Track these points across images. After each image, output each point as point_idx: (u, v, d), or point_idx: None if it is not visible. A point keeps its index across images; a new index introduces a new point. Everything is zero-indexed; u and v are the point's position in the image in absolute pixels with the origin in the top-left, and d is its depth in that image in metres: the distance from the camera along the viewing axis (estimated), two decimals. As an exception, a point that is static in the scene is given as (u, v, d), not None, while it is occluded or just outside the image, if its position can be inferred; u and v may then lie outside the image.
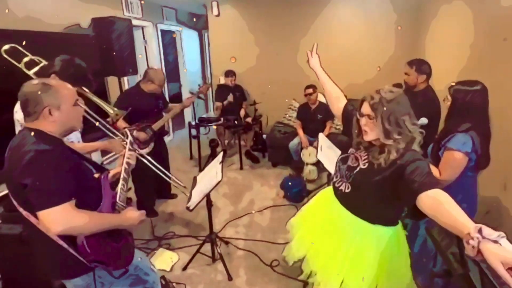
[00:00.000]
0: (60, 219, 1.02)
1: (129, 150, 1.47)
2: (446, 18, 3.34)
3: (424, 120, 1.83)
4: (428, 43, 3.76)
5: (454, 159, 1.49)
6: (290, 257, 1.53)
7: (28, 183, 1.03)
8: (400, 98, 1.19)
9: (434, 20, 3.59)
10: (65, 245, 1.10)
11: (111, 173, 1.39)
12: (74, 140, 1.78)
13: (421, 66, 2.34)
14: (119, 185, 1.33)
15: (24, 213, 1.12)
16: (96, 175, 1.32)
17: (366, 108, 1.21)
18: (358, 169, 1.28)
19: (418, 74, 2.33)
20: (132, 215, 1.28)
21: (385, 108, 1.15)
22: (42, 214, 1.03)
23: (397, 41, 4.26)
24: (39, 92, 1.12)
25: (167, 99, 4.91)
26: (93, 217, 1.13)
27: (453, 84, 1.58)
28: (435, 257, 1.58)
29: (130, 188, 3.14)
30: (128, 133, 1.59)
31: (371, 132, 1.21)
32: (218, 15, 4.71)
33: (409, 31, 4.15)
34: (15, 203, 1.14)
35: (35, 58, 1.69)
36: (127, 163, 1.41)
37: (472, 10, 2.72)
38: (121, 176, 1.36)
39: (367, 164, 1.25)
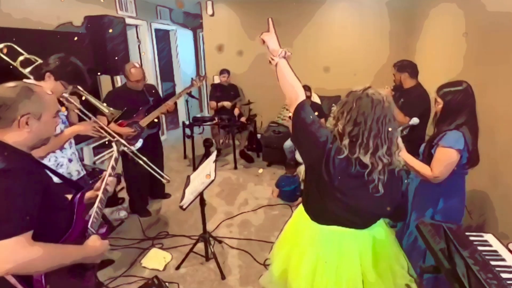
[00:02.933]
0: (10, 255, 0.84)
1: (110, 174, 1.27)
2: (437, 20, 3.40)
3: (415, 120, 1.87)
4: (420, 45, 3.82)
5: (447, 156, 1.51)
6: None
7: None
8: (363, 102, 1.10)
9: (425, 22, 3.66)
10: (13, 280, 0.91)
11: (87, 195, 1.23)
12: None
13: (401, 65, 2.54)
14: (94, 208, 1.18)
15: None
16: (69, 197, 1.18)
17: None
18: None
19: (400, 73, 2.52)
20: (94, 244, 1.09)
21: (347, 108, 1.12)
22: None
23: (391, 43, 4.32)
24: (19, 97, 0.95)
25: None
26: (51, 252, 0.93)
27: (441, 86, 1.61)
28: (424, 254, 1.60)
29: (123, 188, 3.13)
30: (115, 147, 1.41)
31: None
32: (212, 15, 4.71)
33: (402, 33, 4.21)
34: None
35: (31, 57, 1.68)
36: (105, 190, 1.23)
37: (462, 13, 2.78)
38: (99, 198, 1.20)
39: None
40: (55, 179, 1.20)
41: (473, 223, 2.16)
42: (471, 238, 1.31)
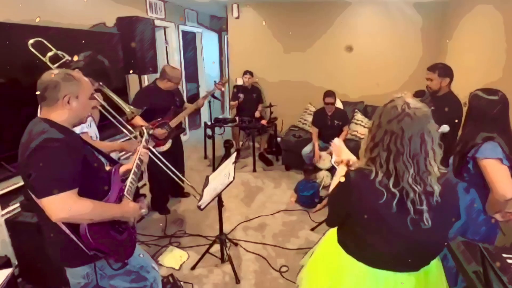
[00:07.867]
0: (62, 207, 1.03)
1: (143, 147, 1.48)
2: (473, 23, 3.19)
3: (445, 128, 1.74)
4: (453, 48, 3.61)
5: (496, 167, 1.36)
6: None
7: (32, 170, 1.05)
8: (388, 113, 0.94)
9: (460, 24, 3.45)
10: (67, 231, 1.11)
11: (123, 168, 1.40)
12: (93, 135, 1.82)
13: (443, 69, 2.32)
14: (129, 179, 1.34)
15: (35, 198, 1.14)
16: (107, 168, 1.35)
17: None
18: None
19: (442, 78, 2.31)
20: (133, 207, 1.28)
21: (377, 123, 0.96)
22: (44, 201, 1.04)
23: (422, 45, 4.12)
24: (61, 80, 1.15)
25: (185, 98, 4.98)
26: (96, 206, 1.13)
27: (475, 91, 1.52)
28: (456, 275, 1.48)
29: (145, 184, 3.20)
30: (145, 130, 1.60)
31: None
32: (238, 18, 4.74)
33: (434, 35, 4.01)
34: (29, 190, 1.17)
35: (59, 53, 1.75)
36: (140, 159, 1.42)
37: (501, 14, 2.59)
38: (132, 170, 1.37)
39: None
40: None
41: (508, 244, 1.97)
42: (510, 261, 1.19)
